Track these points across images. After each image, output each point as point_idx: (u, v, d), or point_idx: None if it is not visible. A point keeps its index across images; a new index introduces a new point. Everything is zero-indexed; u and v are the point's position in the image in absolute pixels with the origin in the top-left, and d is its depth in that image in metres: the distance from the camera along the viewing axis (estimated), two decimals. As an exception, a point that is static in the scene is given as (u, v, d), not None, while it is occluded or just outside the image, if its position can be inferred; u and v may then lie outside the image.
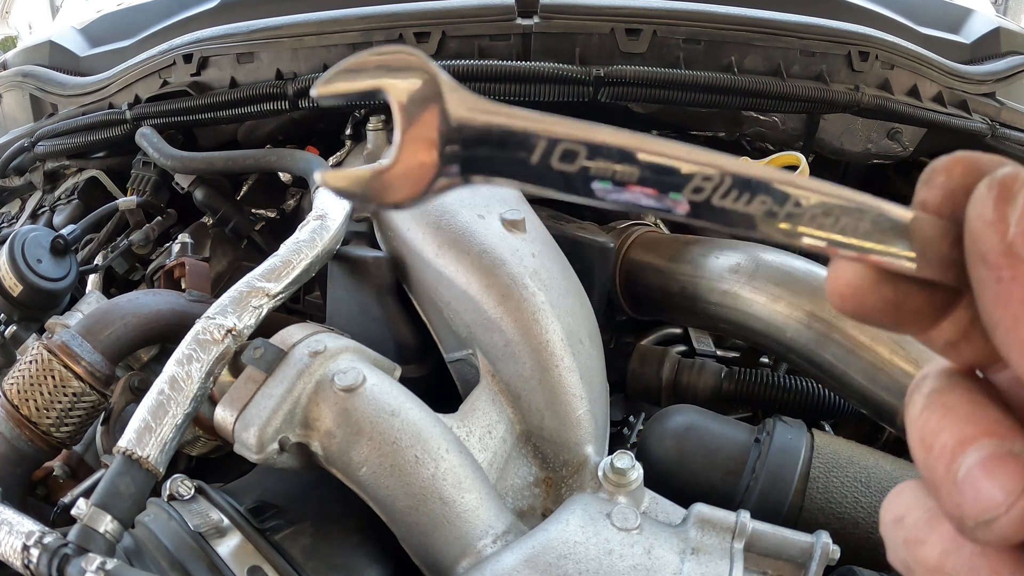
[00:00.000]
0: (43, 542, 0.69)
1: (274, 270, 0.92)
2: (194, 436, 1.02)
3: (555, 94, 1.30)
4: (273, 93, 1.37)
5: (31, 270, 1.19)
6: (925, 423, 0.25)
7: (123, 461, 0.76)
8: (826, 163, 1.73)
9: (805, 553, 0.74)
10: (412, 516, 0.79)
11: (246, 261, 1.52)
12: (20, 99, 1.80)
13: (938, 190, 0.25)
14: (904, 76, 1.48)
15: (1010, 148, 1.61)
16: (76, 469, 1.11)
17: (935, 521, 0.25)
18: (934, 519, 0.25)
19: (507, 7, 1.36)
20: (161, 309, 1.04)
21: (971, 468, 0.23)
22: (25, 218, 1.72)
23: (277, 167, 1.31)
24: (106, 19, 1.92)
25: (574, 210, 1.52)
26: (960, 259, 0.24)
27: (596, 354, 1.02)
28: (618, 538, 0.73)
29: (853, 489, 0.91)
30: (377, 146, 1.35)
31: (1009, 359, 0.23)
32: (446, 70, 1.20)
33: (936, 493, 0.24)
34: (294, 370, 0.83)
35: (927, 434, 0.24)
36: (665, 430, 1.02)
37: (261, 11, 1.49)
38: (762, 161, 1.23)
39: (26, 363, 0.97)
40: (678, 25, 1.36)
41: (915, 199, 0.26)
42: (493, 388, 0.95)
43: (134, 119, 1.48)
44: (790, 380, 1.23)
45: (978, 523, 0.23)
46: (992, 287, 0.23)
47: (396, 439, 0.80)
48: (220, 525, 0.78)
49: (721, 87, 1.33)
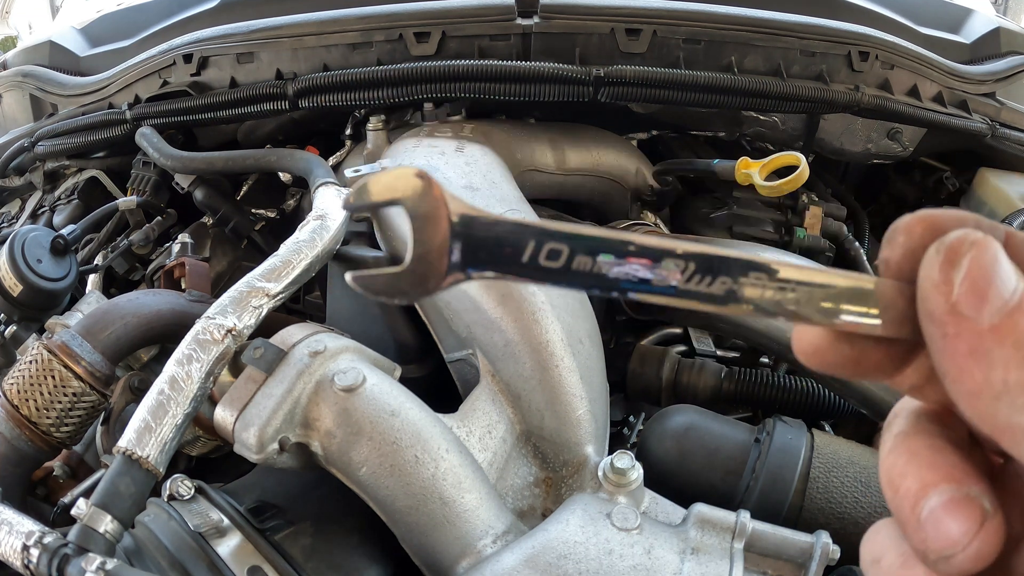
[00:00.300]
0: (43, 542, 0.69)
1: (274, 270, 0.92)
2: (194, 436, 1.02)
3: (555, 94, 1.30)
4: (273, 93, 1.37)
5: (31, 270, 1.19)
6: (892, 466, 0.28)
7: (123, 461, 0.76)
8: (826, 163, 1.73)
9: (805, 553, 0.74)
10: (412, 516, 0.79)
11: (246, 261, 1.52)
12: (20, 99, 1.80)
13: (899, 249, 0.28)
14: (904, 76, 1.48)
15: (1010, 148, 1.61)
16: (76, 469, 1.10)
17: (907, 567, 0.28)
18: (907, 564, 0.28)
19: (507, 7, 1.36)
20: (161, 309, 1.04)
21: (933, 510, 0.26)
22: (25, 218, 1.72)
23: (277, 167, 1.31)
24: (106, 19, 1.92)
25: (574, 210, 1.52)
26: (916, 316, 0.27)
27: (596, 354, 1.02)
28: (618, 538, 0.73)
29: (853, 489, 0.91)
30: (377, 146, 1.35)
31: (957, 402, 0.26)
32: (446, 70, 1.20)
33: (903, 529, 0.27)
34: (294, 370, 0.83)
35: (894, 476, 0.27)
36: (665, 430, 1.02)
37: (261, 11, 1.49)
38: (762, 161, 1.23)
39: (26, 363, 0.97)
40: (678, 25, 1.36)
41: (879, 257, 0.28)
42: (493, 388, 0.95)
43: (134, 119, 1.48)
44: (790, 380, 1.23)
45: (940, 557, 0.26)
46: (940, 342, 0.26)
47: (396, 439, 0.80)
48: (220, 525, 0.78)
49: (721, 87, 1.33)
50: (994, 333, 0.25)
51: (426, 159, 1.19)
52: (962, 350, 0.25)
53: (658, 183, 1.51)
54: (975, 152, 1.66)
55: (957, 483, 0.26)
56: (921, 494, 0.26)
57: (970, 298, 0.25)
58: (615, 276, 0.28)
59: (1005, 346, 0.25)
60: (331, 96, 1.34)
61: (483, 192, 1.12)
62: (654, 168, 1.51)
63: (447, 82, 1.29)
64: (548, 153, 1.41)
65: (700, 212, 1.56)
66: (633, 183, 1.50)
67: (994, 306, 0.25)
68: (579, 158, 1.44)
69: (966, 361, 0.25)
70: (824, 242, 1.53)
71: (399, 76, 1.30)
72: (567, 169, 1.43)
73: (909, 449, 0.28)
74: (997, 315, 0.25)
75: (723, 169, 1.31)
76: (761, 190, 1.20)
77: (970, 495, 0.26)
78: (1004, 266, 0.26)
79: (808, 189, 1.58)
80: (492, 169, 1.19)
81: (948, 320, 0.26)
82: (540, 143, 1.40)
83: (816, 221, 1.53)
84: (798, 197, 1.55)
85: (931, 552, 0.26)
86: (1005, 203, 1.57)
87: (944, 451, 0.27)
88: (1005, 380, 0.25)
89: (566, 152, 1.43)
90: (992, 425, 0.25)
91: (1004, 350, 0.25)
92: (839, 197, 1.68)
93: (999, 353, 0.25)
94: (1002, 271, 0.25)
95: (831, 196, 1.65)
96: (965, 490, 0.26)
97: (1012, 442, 0.25)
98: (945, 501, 0.26)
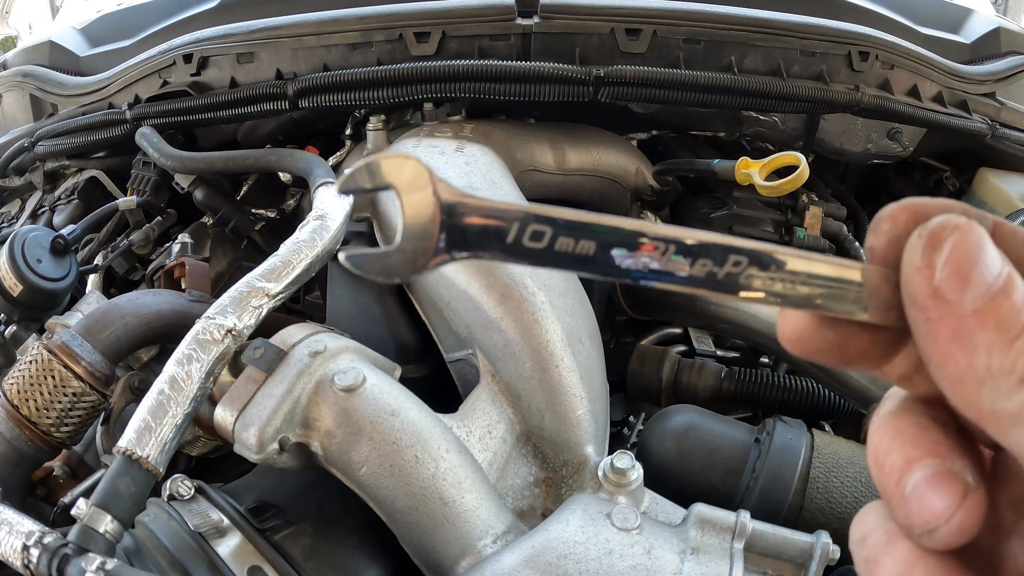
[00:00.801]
0: (43, 542, 0.69)
1: (274, 270, 0.92)
2: (194, 436, 1.02)
3: (555, 94, 1.30)
4: (273, 93, 1.37)
5: (31, 270, 1.19)
6: (879, 443, 0.28)
7: (123, 461, 0.76)
8: (826, 163, 1.73)
9: (805, 553, 0.74)
10: (412, 516, 0.79)
11: (246, 261, 1.52)
12: (20, 99, 1.80)
13: (884, 236, 0.28)
14: (904, 76, 1.48)
15: (1010, 148, 1.61)
16: (76, 469, 1.10)
17: (891, 544, 0.28)
18: (890, 542, 0.28)
19: (507, 7, 1.36)
20: (161, 309, 1.04)
21: (917, 484, 0.26)
22: (25, 218, 1.72)
23: (277, 167, 1.31)
24: (106, 19, 1.92)
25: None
26: (901, 302, 0.27)
27: (596, 354, 1.02)
28: (618, 538, 0.73)
29: (853, 489, 0.91)
30: (377, 146, 1.35)
31: (942, 388, 0.26)
32: (446, 70, 1.20)
33: (888, 505, 0.27)
34: (294, 370, 0.83)
35: (880, 453, 0.28)
36: (665, 430, 1.02)
37: (261, 11, 1.49)
38: (762, 161, 1.23)
39: (26, 363, 0.97)
40: (678, 25, 1.36)
41: (865, 244, 0.29)
42: (493, 388, 0.95)
43: (134, 119, 1.48)
44: (790, 380, 1.23)
45: (924, 531, 0.26)
46: (923, 326, 0.26)
47: (396, 439, 0.80)
48: (220, 525, 0.78)
49: (721, 87, 1.33)
50: (977, 317, 0.25)
51: (426, 159, 1.19)
52: (945, 334, 0.25)
53: (658, 183, 1.51)
54: (975, 152, 1.66)
55: (940, 458, 0.26)
56: (905, 469, 0.27)
57: (952, 281, 0.25)
58: (607, 261, 0.29)
59: (988, 330, 0.25)
60: (331, 96, 1.34)
61: (483, 192, 1.12)
62: (654, 168, 1.51)
63: (447, 82, 1.29)
64: (548, 153, 1.41)
65: (700, 212, 1.56)
66: (633, 183, 1.50)
67: (977, 290, 0.25)
68: (579, 158, 1.44)
69: (949, 345, 0.25)
70: (824, 242, 1.53)
71: (399, 76, 1.30)
72: (567, 169, 1.43)
73: (895, 427, 0.28)
74: (980, 299, 0.25)
75: (723, 169, 1.31)
76: (761, 190, 1.20)
77: (953, 469, 0.26)
78: (988, 250, 0.26)
79: (808, 189, 1.58)
80: (492, 169, 1.19)
81: (931, 304, 0.26)
82: (540, 143, 1.40)
83: (816, 221, 1.53)
84: (798, 197, 1.55)
85: (915, 526, 0.26)
86: (1005, 203, 1.57)
87: (928, 428, 0.28)
88: (988, 365, 0.25)
89: (566, 152, 1.43)
90: (977, 411, 0.25)
91: (987, 334, 0.25)
92: (839, 197, 1.68)
93: (982, 337, 0.25)
94: (986, 255, 0.25)
95: (831, 196, 1.65)
96: (948, 465, 0.26)
97: (996, 428, 0.25)
98: (928, 475, 0.26)
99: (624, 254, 0.28)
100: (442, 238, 0.29)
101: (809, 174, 1.15)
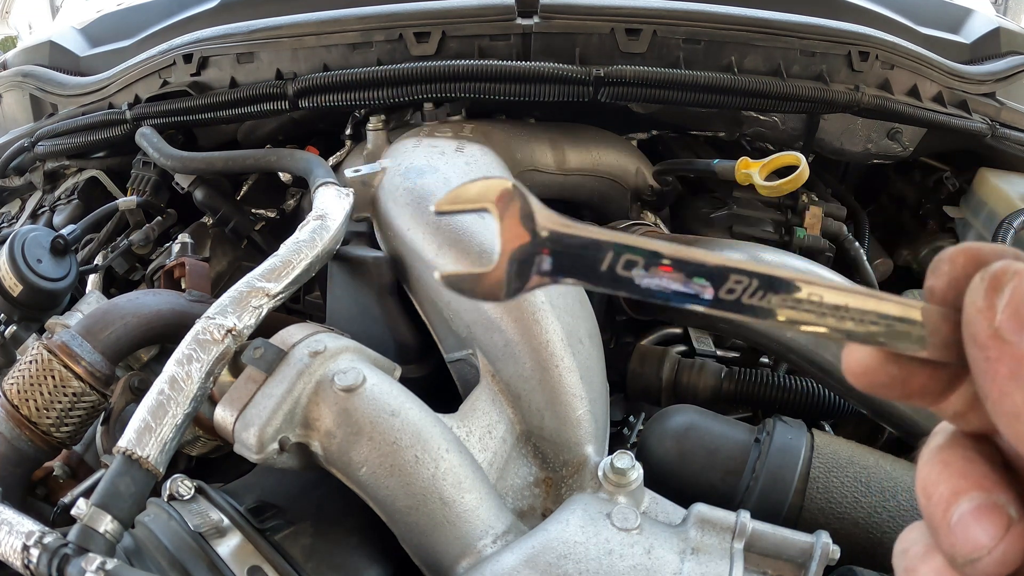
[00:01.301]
0: (43, 542, 0.69)
1: (274, 270, 0.92)
2: (194, 436, 1.02)
3: (555, 94, 1.30)
4: (273, 93, 1.38)
5: (31, 270, 1.19)
6: (928, 475, 0.30)
7: (123, 461, 0.76)
8: (826, 163, 1.73)
9: (805, 553, 0.74)
10: (412, 516, 0.79)
11: (246, 261, 1.52)
12: (20, 99, 1.80)
13: (944, 278, 0.29)
14: (904, 76, 1.48)
15: (1010, 148, 1.61)
16: (76, 469, 1.10)
17: (928, 556, 0.30)
18: (928, 554, 0.30)
19: (507, 7, 1.36)
20: (161, 309, 1.04)
21: (963, 515, 0.27)
22: (25, 218, 1.72)
23: (277, 167, 1.31)
24: (106, 19, 1.92)
25: (574, 210, 1.52)
26: (960, 341, 0.28)
27: (596, 354, 1.02)
28: (618, 538, 0.73)
29: (853, 489, 0.91)
30: (377, 146, 1.35)
31: (998, 425, 0.27)
32: (446, 70, 1.20)
33: (934, 533, 0.29)
34: (294, 370, 0.83)
35: (928, 484, 0.29)
36: (665, 430, 1.02)
37: (261, 11, 1.49)
38: (762, 161, 1.23)
39: (26, 363, 0.97)
40: (678, 25, 1.36)
41: (924, 285, 0.31)
42: (493, 388, 0.95)
43: (134, 119, 1.48)
44: (790, 380, 1.23)
45: (967, 561, 0.27)
46: (982, 365, 0.27)
47: (396, 439, 0.80)
48: (220, 525, 0.78)
49: (721, 87, 1.33)
50: None
51: (426, 159, 1.19)
52: (1003, 373, 0.27)
53: (658, 183, 1.51)
54: (975, 152, 1.66)
55: (987, 491, 0.28)
56: (952, 500, 0.28)
57: (1012, 323, 0.26)
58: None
59: None
60: (331, 96, 1.34)
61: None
62: (654, 168, 1.51)
63: (447, 82, 1.29)
64: (548, 153, 1.41)
65: (700, 212, 1.56)
66: (633, 183, 1.50)
67: None
68: (579, 158, 1.44)
69: (1007, 384, 0.26)
70: (824, 242, 1.53)
71: (399, 76, 1.30)
72: (567, 169, 1.43)
73: (943, 460, 0.30)
74: None
75: (723, 169, 1.31)
76: (761, 190, 1.20)
77: (998, 503, 0.27)
78: None
79: (808, 189, 1.58)
80: (492, 169, 1.19)
81: (991, 344, 0.27)
82: (540, 143, 1.40)
83: (816, 221, 1.53)
84: (798, 197, 1.55)
85: (959, 555, 0.27)
86: (1005, 203, 1.57)
87: (976, 462, 0.29)
88: None
89: (566, 152, 1.43)
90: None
91: None
92: (839, 197, 1.68)
93: None
94: None
95: (831, 196, 1.65)
96: (994, 498, 0.27)
97: None
98: (974, 507, 0.27)
99: (705, 284, 0.30)
100: (542, 263, 0.31)
101: (809, 174, 1.15)
